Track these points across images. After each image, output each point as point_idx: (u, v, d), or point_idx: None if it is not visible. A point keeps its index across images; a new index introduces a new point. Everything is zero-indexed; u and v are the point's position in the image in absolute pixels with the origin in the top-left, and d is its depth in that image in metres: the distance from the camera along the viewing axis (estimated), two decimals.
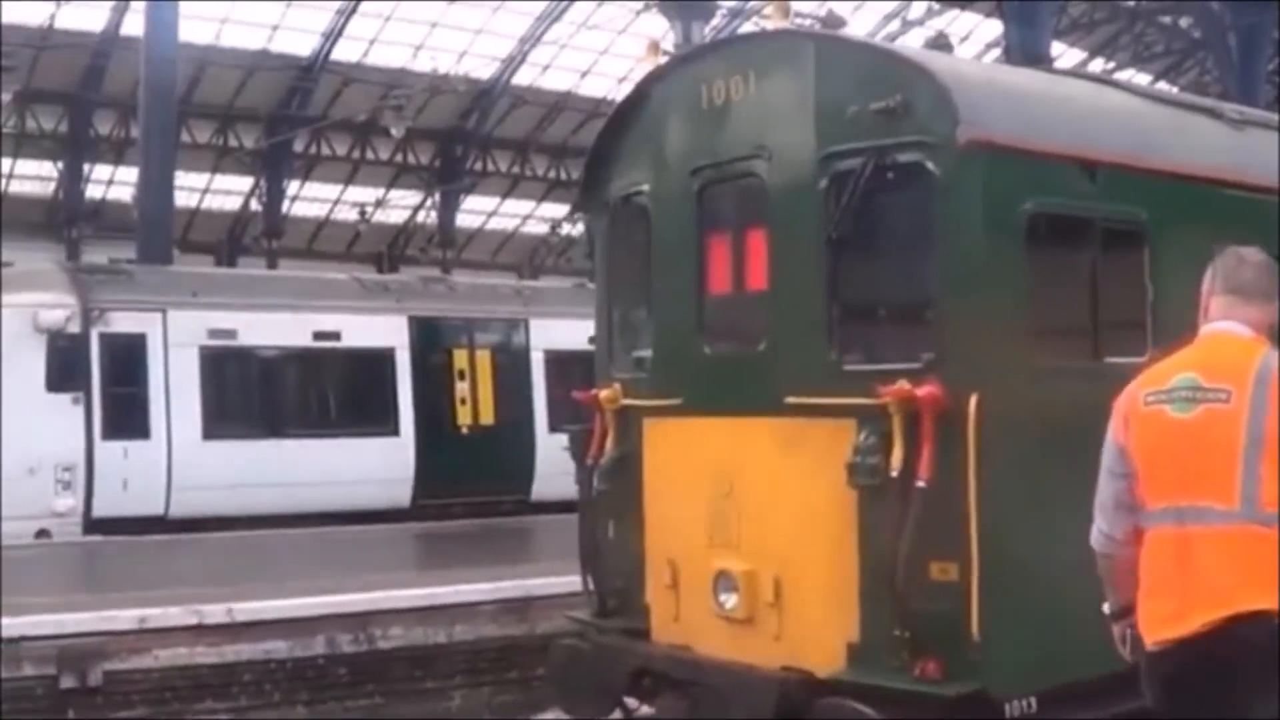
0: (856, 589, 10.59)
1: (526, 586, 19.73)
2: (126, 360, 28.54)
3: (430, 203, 64.07)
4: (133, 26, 42.99)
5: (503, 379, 34.15)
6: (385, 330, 32.06)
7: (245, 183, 59.68)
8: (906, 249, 11.26)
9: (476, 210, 67.25)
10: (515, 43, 56.83)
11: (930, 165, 10.44)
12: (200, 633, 17.25)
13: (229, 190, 60.32)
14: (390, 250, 66.31)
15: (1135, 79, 44.30)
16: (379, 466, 30.72)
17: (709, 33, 36.79)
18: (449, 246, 63.66)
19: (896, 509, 10.05)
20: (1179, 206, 11.55)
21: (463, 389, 33.30)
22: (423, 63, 52.77)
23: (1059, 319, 11.28)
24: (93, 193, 56.50)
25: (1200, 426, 6.63)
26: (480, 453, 32.95)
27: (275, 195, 58.63)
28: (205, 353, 29.30)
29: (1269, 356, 6.73)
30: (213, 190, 59.73)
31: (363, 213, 60.75)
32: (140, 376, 28.63)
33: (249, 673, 17.48)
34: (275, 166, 57.81)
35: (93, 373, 28.04)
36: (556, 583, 18.91)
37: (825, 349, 11.02)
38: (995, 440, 9.96)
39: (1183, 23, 55.86)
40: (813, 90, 11.16)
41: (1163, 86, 49.45)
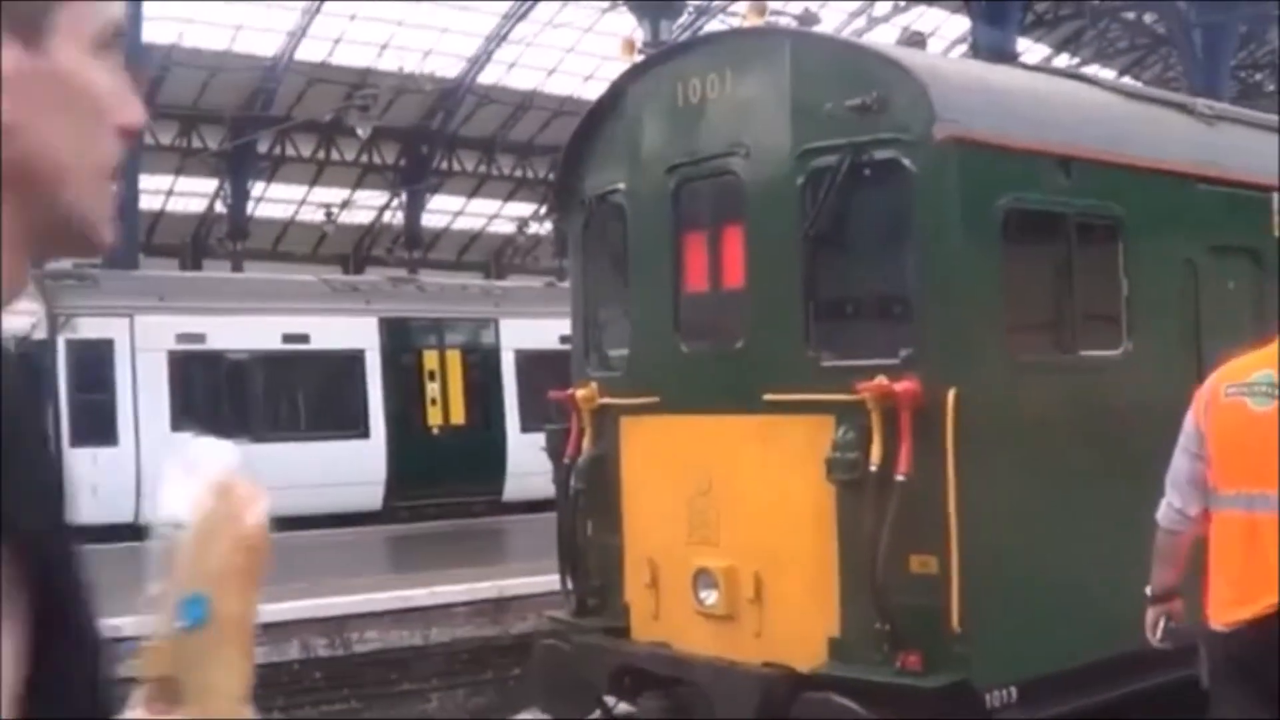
0: (837, 583, 10.62)
1: (501, 587, 19.77)
2: (94, 366, 28.48)
3: (396, 203, 63.98)
4: None
5: (473, 379, 34.16)
6: (355, 332, 32.02)
7: (210, 184, 59.47)
8: (883, 245, 11.32)
9: (443, 210, 67.16)
10: (481, 41, 56.74)
11: (907, 161, 10.48)
12: None
13: (193, 192, 60.09)
14: (357, 251, 66.21)
15: (1099, 75, 44.38)
16: (350, 469, 30.68)
17: (677, 30, 36.88)
18: (416, 246, 63.55)
19: (876, 503, 10.08)
20: (1152, 201, 11.63)
21: (433, 390, 33.31)
22: (388, 62, 52.68)
23: (1035, 313, 11.36)
24: None
25: (1275, 419, 6.93)
26: (452, 453, 32.94)
27: (240, 197, 58.46)
28: (173, 357, 29.26)
29: None
30: (177, 192, 59.49)
31: (329, 214, 60.63)
32: (108, 382, 28.59)
33: None
34: (240, 168, 57.65)
35: (60, 379, 27.96)
36: (531, 583, 18.96)
37: (803, 345, 11.04)
38: (973, 434, 10.00)
39: (1147, 18, 56.01)
40: (789, 87, 11.18)
41: (1127, 82, 49.59)
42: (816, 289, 11.13)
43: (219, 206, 59.65)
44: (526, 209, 66.85)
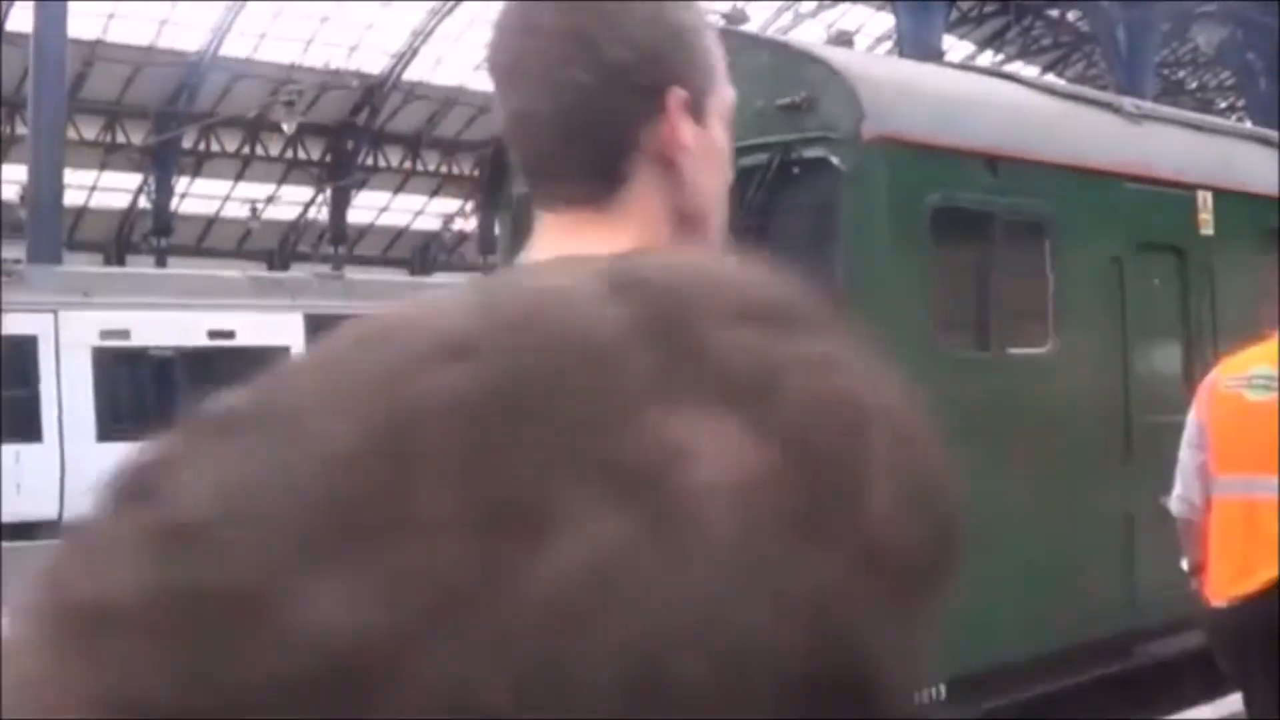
0: None
1: None
2: (17, 362, 28.22)
3: (321, 199, 63.70)
4: (19, 22, 42.53)
5: None
6: (280, 328, 31.84)
7: (133, 180, 59.04)
8: (811, 243, 11.32)
9: (368, 206, 66.90)
10: (407, 37, 56.61)
11: (835, 160, 10.51)
12: None
13: (117, 188, 59.66)
14: (282, 247, 65.89)
15: (1023, 72, 44.63)
16: None
17: None
18: (341, 242, 63.31)
19: None
20: (1079, 199, 11.69)
21: None
22: (314, 57, 52.54)
23: (962, 311, 11.41)
24: None
25: (1273, 409, 7.43)
26: None
27: (164, 192, 58.07)
28: (98, 353, 29.07)
29: None
30: (100, 188, 59.09)
31: (253, 209, 60.37)
32: (31, 378, 28.37)
33: None
34: (164, 163, 57.26)
35: None
36: None
37: None
38: None
39: (1071, 16, 56.37)
40: None
41: (1050, 79, 49.89)
42: None
43: (143, 202, 59.22)
44: (452, 205, 66.65)
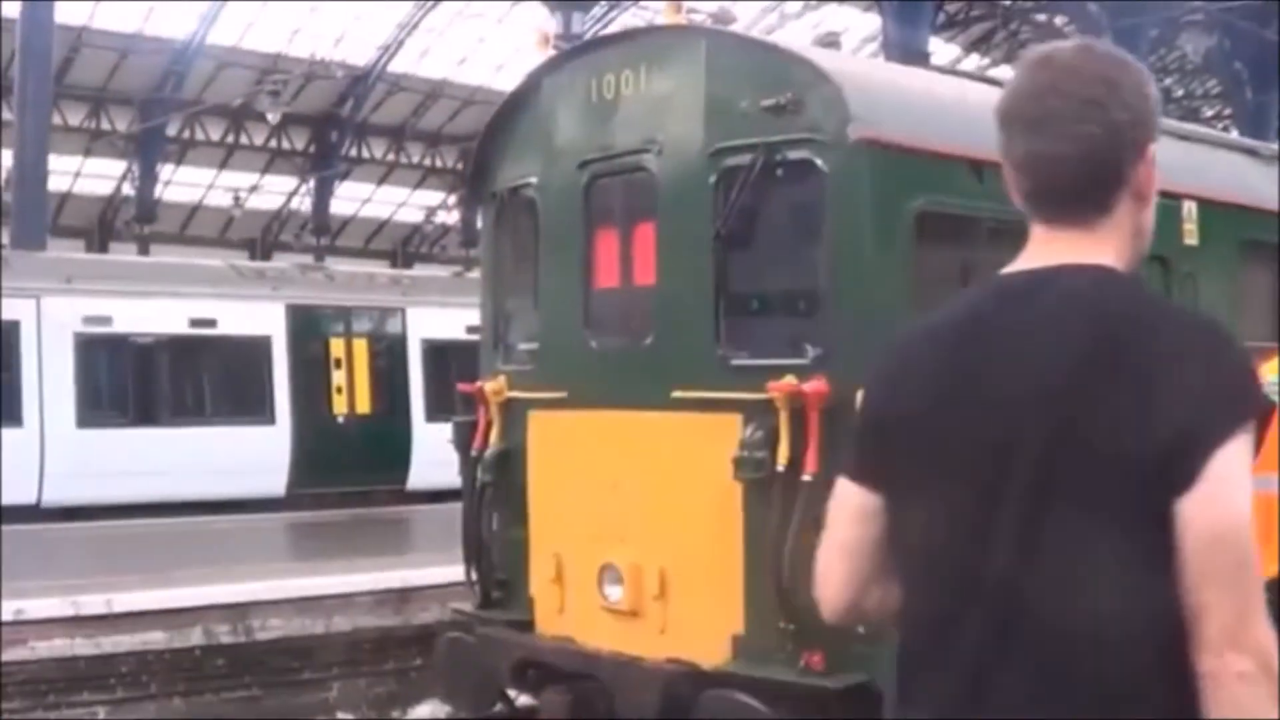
0: (742, 582, 10.64)
1: (404, 578, 19.72)
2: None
3: (305, 189, 63.67)
4: (5, 8, 42.42)
5: (380, 368, 34.05)
6: (262, 318, 31.84)
7: (118, 167, 59.06)
8: (795, 245, 11.34)
9: (351, 197, 66.89)
10: (393, 29, 56.59)
11: (820, 162, 10.51)
12: (78, 624, 17.12)
13: (101, 174, 59.65)
14: (264, 236, 65.93)
15: (1009, 76, 44.60)
16: (254, 455, 30.50)
17: (589, 23, 36.89)
18: (323, 233, 63.30)
19: (782, 502, 10.10)
20: None
21: (339, 378, 33.14)
22: (300, 47, 52.48)
23: None
24: None
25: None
26: (357, 442, 32.85)
27: (148, 179, 58.08)
28: (80, 339, 29.01)
29: None
30: (84, 174, 59.06)
31: (237, 198, 60.34)
32: (13, 363, 28.29)
33: (126, 664, 17.37)
34: (148, 151, 57.26)
35: None
36: (434, 574, 18.93)
37: (712, 344, 11.06)
38: None
39: (1058, 21, 56.42)
40: (704, 86, 11.18)
41: None
42: (727, 287, 11.15)
43: (127, 189, 59.19)
44: (434, 198, 66.76)
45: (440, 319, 33.20)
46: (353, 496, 31.54)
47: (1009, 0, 55.88)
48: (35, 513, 26.82)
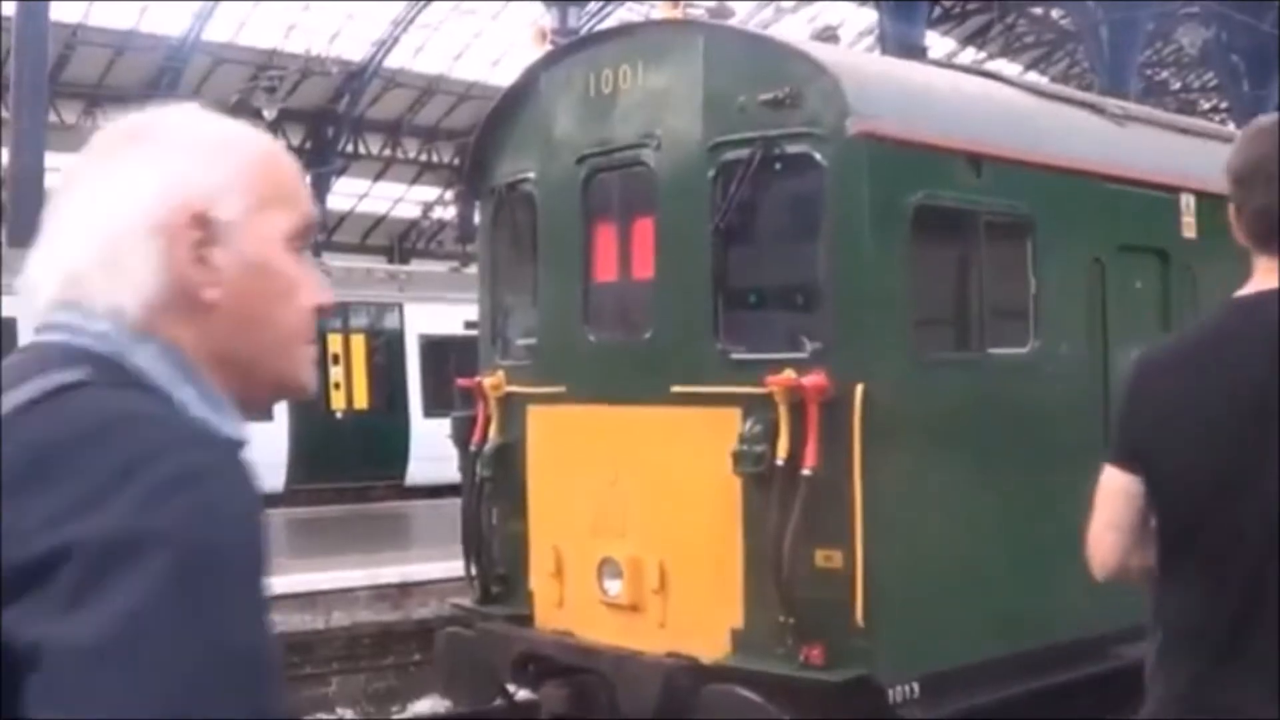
0: (741, 576, 10.65)
1: (403, 573, 19.72)
2: None
3: None
4: (2, 6, 42.36)
5: (377, 364, 34.07)
6: None
7: None
8: (794, 239, 11.34)
9: (347, 192, 66.83)
10: (388, 24, 56.54)
11: (819, 156, 10.51)
12: None
13: None
14: None
15: (1005, 69, 44.69)
16: (252, 450, 30.37)
17: (585, 18, 36.90)
18: (319, 228, 63.12)
19: (782, 497, 10.10)
20: (1062, 200, 11.72)
21: (337, 373, 33.14)
22: (295, 43, 52.43)
23: (944, 310, 11.43)
24: None
25: None
26: (354, 437, 32.85)
27: None
28: None
29: None
30: None
31: None
32: None
33: None
34: None
35: None
36: (433, 569, 18.93)
37: (711, 338, 11.06)
38: (880, 429, 10.05)
39: (1054, 14, 56.47)
40: (702, 80, 11.18)
41: (1032, 77, 49.98)
42: (726, 282, 11.15)
43: None
44: (431, 193, 66.71)
45: (438, 314, 33.21)
46: (351, 492, 31.53)
47: None
48: None
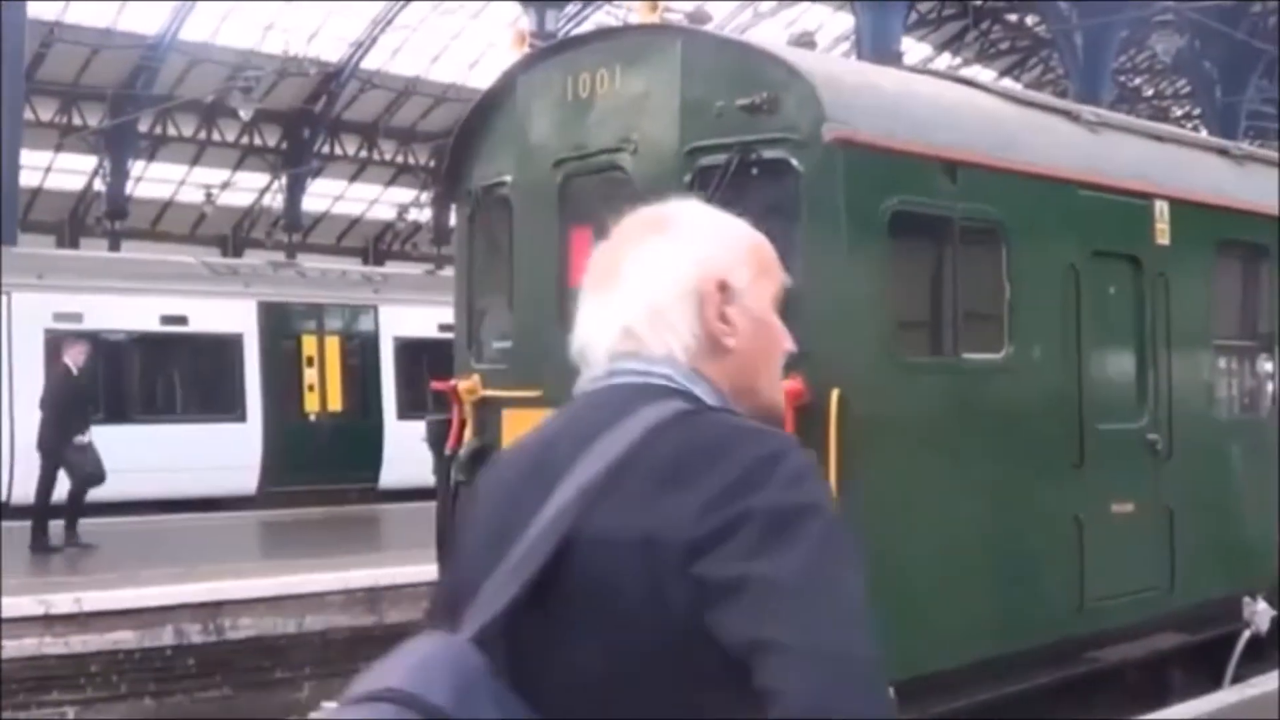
0: None
1: (376, 576, 19.67)
2: None
3: (277, 185, 63.48)
4: None
5: (352, 366, 34.00)
6: (233, 315, 31.74)
7: (89, 162, 58.77)
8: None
9: (323, 194, 66.70)
10: (366, 25, 56.44)
11: (795, 162, 10.51)
12: (48, 623, 17.05)
13: (72, 169, 59.37)
14: (236, 233, 65.73)
15: (980, 75, 44.78)
16: (226, 453, 30.41)
17: (562, 20, 36.90)
18: (295, 230, 63.11)
19: None
20: (1036, 206, 11.73)
21: (311, 375, 33.07)
22: (272, 43, 52.30)
23: (919, 316, 11.43)
24: None
25: None
26: (328, 440, 32.79)
27: (119, 175, 57.78)
28: (50, 336, 28.88)
29: None
30: (55, 169, 58.80)
31: (208, 194, 60.13)
32: None
33: (96, 664, 17.30)
34: (120, 146, 56.94)
35: None
36: (406, 573, 18.89)
37: None
38: (856, 434, 10.04)
39: (1029, 20, 56.57)
40: (679, 85, 11.17)
41: (1007, 83, 50.07)
42: None
43: (98, 184, 58.95)
44: (407, 195, 66.50)
45: (413, 317, 33.16)
46: (324, 495, 31.47)
47: (980, 0, 55.94)
48: (4, 511, 26.71)
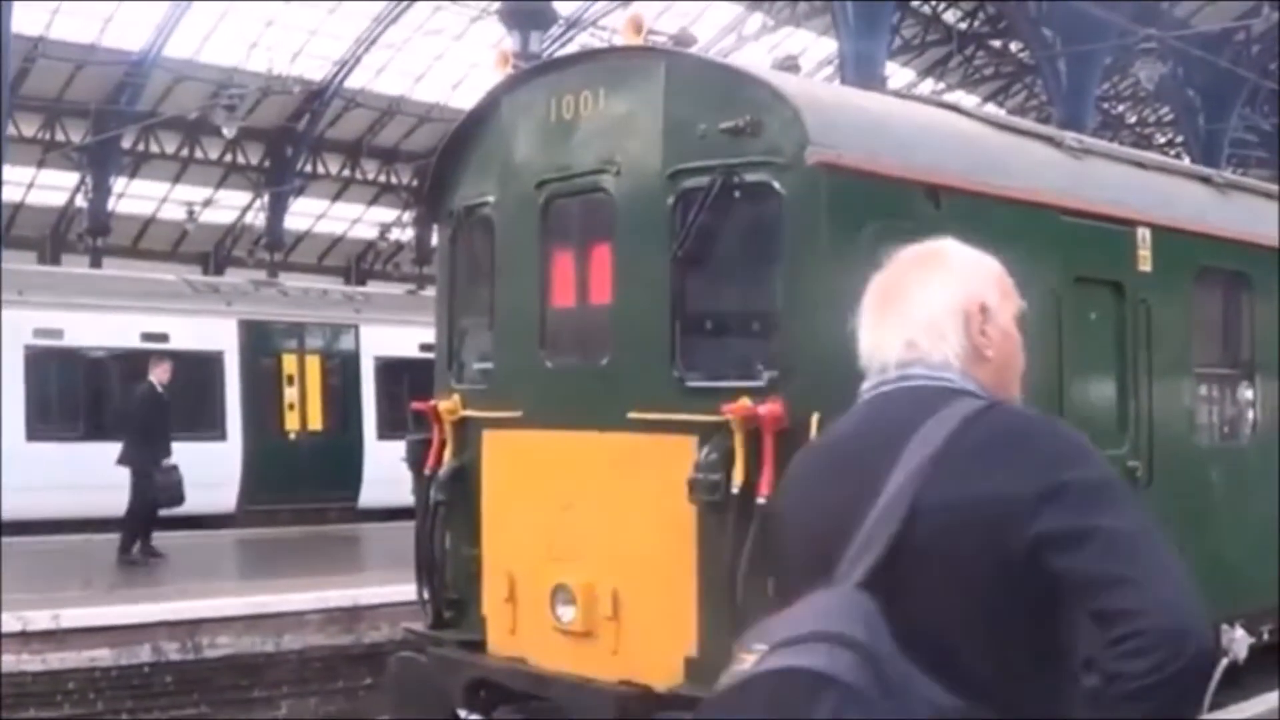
0: (695, 603, 10.62)
1: (354, 596, 19.66)
2: None
3: (259, 204, 63.40)
4: None
5: (332, 385, 33.99)
6: (214, 333, 31.73)
7: (71, 178, 58.66)
8: (751, 267, 11.32)
9: (305, 212, 66.63)
10: (350, 44, 56.41)
11: (778, 185, 10.51)
12: (25, 640, 17.00)
13: (54, 186, 59.26)
14: (217, 251, 65.67)
15: (964, 101, 44.85)
16: (205, 471, 30.30)
17: (546, 42, 36.86)
18: (277, 248, 63.03)
19: (737, 525, 10.08)
20: (1018, 232, 11.73)
21: (291, 394, 33.07)
22: (256, 61, 52.25)
23: None
24: None
25: None
26: (308, 459, 32.76)
27: (101, 192, 57.67)
28: (30, 352, 28.86)
29: None
30: (38, 185, 58.70)
31: (190, 212, 60.00)
32: None
33: (73, 681, 17.26)
34: (102, 163, 56.83)
35: None
36: (385, 592, 18.88)
37: (668, 365, 11.04)
38: None
39: (1013, 47, 56.66)
40: (662, 107, 11.17)
41: (990, 109, 50.16)
42: (684, 309, 11.14)
43: (80, 201, 58.83)
44: (389, 215, 66.46)
45: (394, 336, 33.17)
46: (304, 514, 31.43)
47: (964, 26, 56.06)
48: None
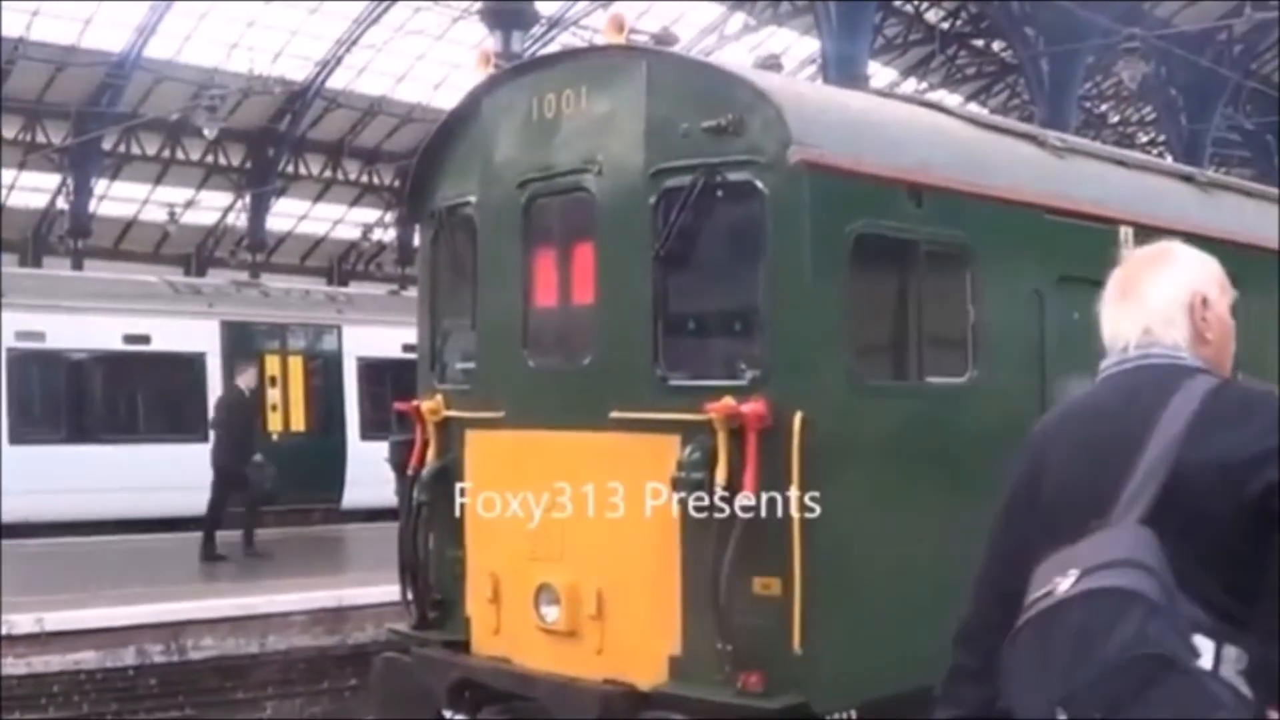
0: (679, 602, 10.63)
1: (339, 596, 19.63)
2: None
3: (240, 205, 63.29)
4: None
5: (315, 386, 33.95)
6: (196, 334, 31.67)
7: (52, 180, 58.54)
8: (734, 267, 11.32)
9: (287, 213, 66.56)
10: (331, 44, 56.35)
11: (760, 184, 10.51)
12: (9, 643, 16.97)
13: (35, 187, 59.15)
14: (199, 252, 65.58)
15: (946, 100, 44.86)
16: (189, 472, 30.26)
17: (528, 41, 36.85)
18: (258, 249, 62.94)
19: (720, 524, 10.08)
20: (1002, 231, 11.75)
21: (274, 395, 33.01)
22: (237, 62, 52.16)
23: (883, 339, 11.42)
24: None
25: None
26: (291, 460, 32.67)
27: (83, 194, 57.59)
28: (12, 355, 28.80)
29: None
30: (18, 187, 58.58)
31: (172, 213, 59.89)
32: None
33: (58, 684, 17.23)
34: (83, 164, 56.74)
35: None
36: (369, 593, 18.86)
37: (651, 364, 11.04)
38: (818, 457, 10.04)
39: (995, 46, 56.68)
40: (644, 106, 11.16)
41: (973, 108, 50.20)
42: (666, 308, 11.13)
43: (61, 202, 58.70)
44: (371, 215, 66.46)
45: (376, 337, 33.14)
46: (287, 515, 31.37)
47: (946, 26, 56.10)
48: None
